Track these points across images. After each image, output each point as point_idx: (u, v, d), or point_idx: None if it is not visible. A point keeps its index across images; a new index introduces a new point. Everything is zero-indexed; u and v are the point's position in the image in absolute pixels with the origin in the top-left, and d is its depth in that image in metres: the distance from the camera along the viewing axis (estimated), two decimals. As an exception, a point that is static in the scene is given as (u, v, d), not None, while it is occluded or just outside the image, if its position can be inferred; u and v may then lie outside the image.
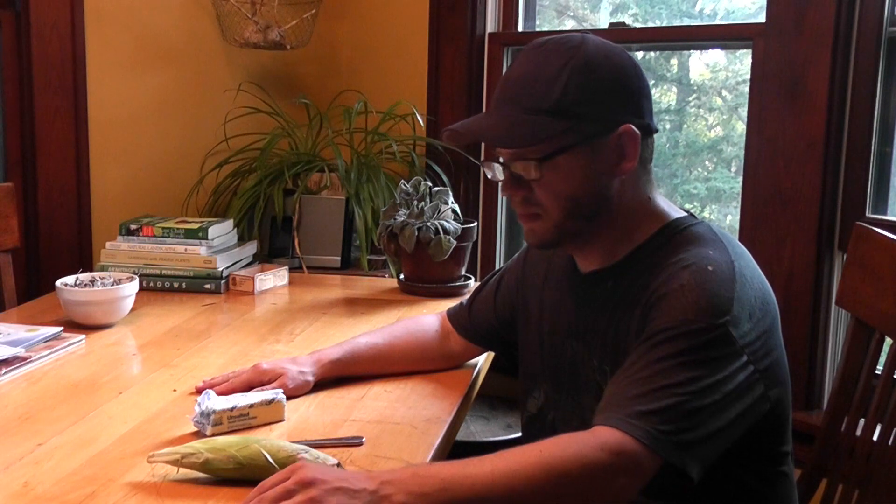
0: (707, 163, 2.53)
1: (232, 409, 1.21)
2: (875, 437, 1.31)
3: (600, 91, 1.15)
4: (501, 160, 1.20)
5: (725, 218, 2.46)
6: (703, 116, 2.56)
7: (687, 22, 2.46)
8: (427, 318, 1.56)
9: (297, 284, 2.10)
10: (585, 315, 1.24)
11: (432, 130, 2.56)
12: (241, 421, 1.21)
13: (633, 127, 1.15)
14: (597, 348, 1.21)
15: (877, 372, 1.37)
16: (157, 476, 1.07)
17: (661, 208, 1.22)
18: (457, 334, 1.51)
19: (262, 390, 1.30)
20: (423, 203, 1.98)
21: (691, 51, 2.47)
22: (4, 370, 1.43)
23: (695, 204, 2.49)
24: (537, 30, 2.60)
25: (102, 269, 1.96)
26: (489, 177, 1.25)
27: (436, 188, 2.03)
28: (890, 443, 1.28)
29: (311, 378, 1.37)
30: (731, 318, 1.07)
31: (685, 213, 1.23)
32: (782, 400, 1.16)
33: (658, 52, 2.52)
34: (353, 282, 2.18)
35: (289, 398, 1.29)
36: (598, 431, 1.02)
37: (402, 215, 1.98)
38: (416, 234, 1.93)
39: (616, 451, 0.99)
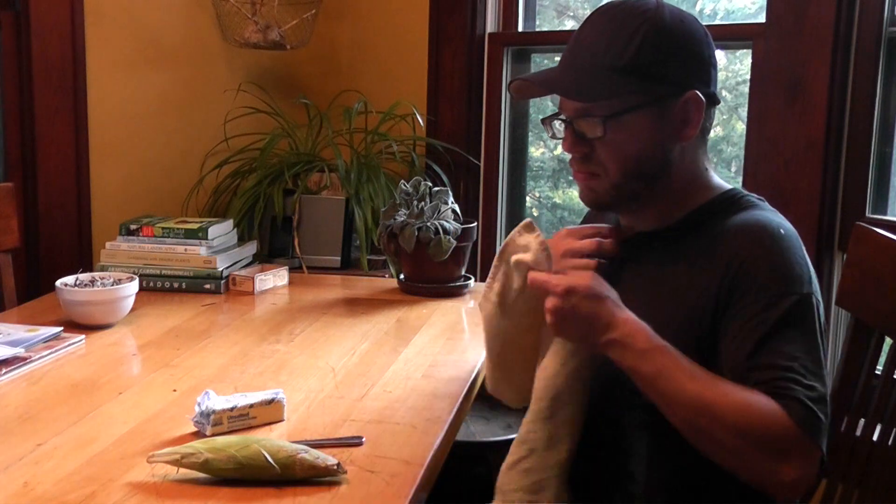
0: (707, 163, 2.53)
1: (232, 409, 1.21)
2: (875, 437, 1.31)
3: (673, 54, 1.16)
4: (564, 117, 1.21)
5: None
6: (703, 116, 2.56)
7: (687, 22, 2.46)
8: None
9: (297, 284, 2.10)
10: (638, 273, 1.24)
11: (432, 130, 2.57)
12: (241, 421, 1.21)
13: (699, 93, 1.17)
14: (652, 305, 1.18)
15: (877, 372, 1.37)
16: (157, 476, 1.07)
17: (716, 180, 1.25)
18: None
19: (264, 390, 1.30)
20: (423, 203, 1.98)
21: (691, 51, 2.46)
22: (4, 370, 1.43)
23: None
24: (537, 30, 2.61)
25: (102, 269, 1.96)
26: (548, 135, 1.26)
27: (436, 188, 2.03)
28: (890, 443, 1.28)
29: None
30: (813, 286, 1.12)
31: (734, 188, 1.26)
32: None
33: (658, 52, 2.51)
34: (353, 282, 2.18)
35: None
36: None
37: (402, 215, 1.98)
38: (416, 234, 1.93)
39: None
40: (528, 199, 2.72)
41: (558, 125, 1.23)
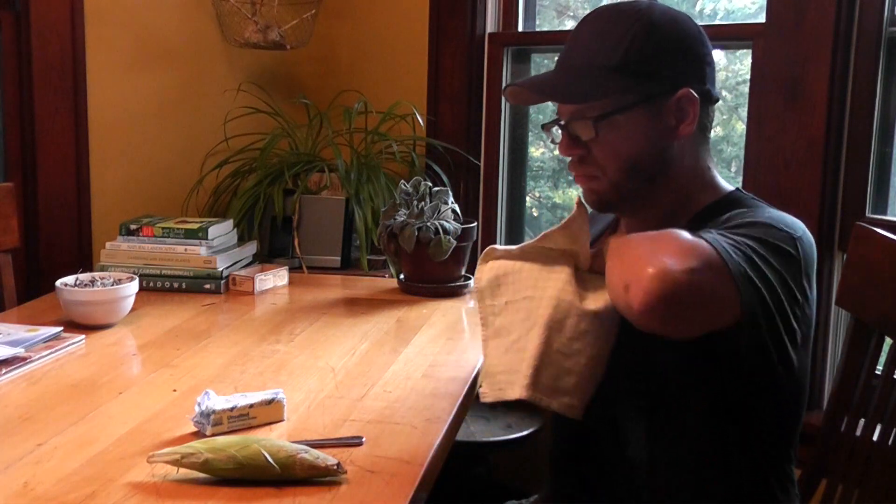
0: (707, 163, 2.53)
1: (232, 409, 1.21)
2: (875, 437, 1.31)
3: (664, 52, 1.16)
4: (559, 121, 1.22)
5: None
6: (703, 116, 2.56)
7: (687, 22, 2.46)
8: None
9: (297, 284, 2.10)
10: None
11: (432, 130, 2.56)
12: (241, 421, 1.21)
13: (692, 90, 1.16)
14: None
15: (877, 372, 1.37)
16: (157, 476, 1.07)
17: (720, 181, 1.25)
18: None
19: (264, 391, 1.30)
20: (423, 203, 1.98)
21: (691, 51, 2.46)
22: (4, 370, 1.43)
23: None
24: (537, 30, 2.61)
25: (102, 269, 1.96)
26: (549, 140, 1.28)
27: (436, 188, 2.03)
28: (890, 443, 1.28)
29: None
30: (800, 239, 1.09)
31: (738, 189, 1.26)
32: (801, 379, 1.16)
33: (658, 52, 2.51)
34: (353, 282, 2.18)
35: None
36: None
37: (402, 215, 1.98)
38: (416, 234, 1.93)
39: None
40: (528, 199, 2.72)
41: (556, 130, 1.23)
